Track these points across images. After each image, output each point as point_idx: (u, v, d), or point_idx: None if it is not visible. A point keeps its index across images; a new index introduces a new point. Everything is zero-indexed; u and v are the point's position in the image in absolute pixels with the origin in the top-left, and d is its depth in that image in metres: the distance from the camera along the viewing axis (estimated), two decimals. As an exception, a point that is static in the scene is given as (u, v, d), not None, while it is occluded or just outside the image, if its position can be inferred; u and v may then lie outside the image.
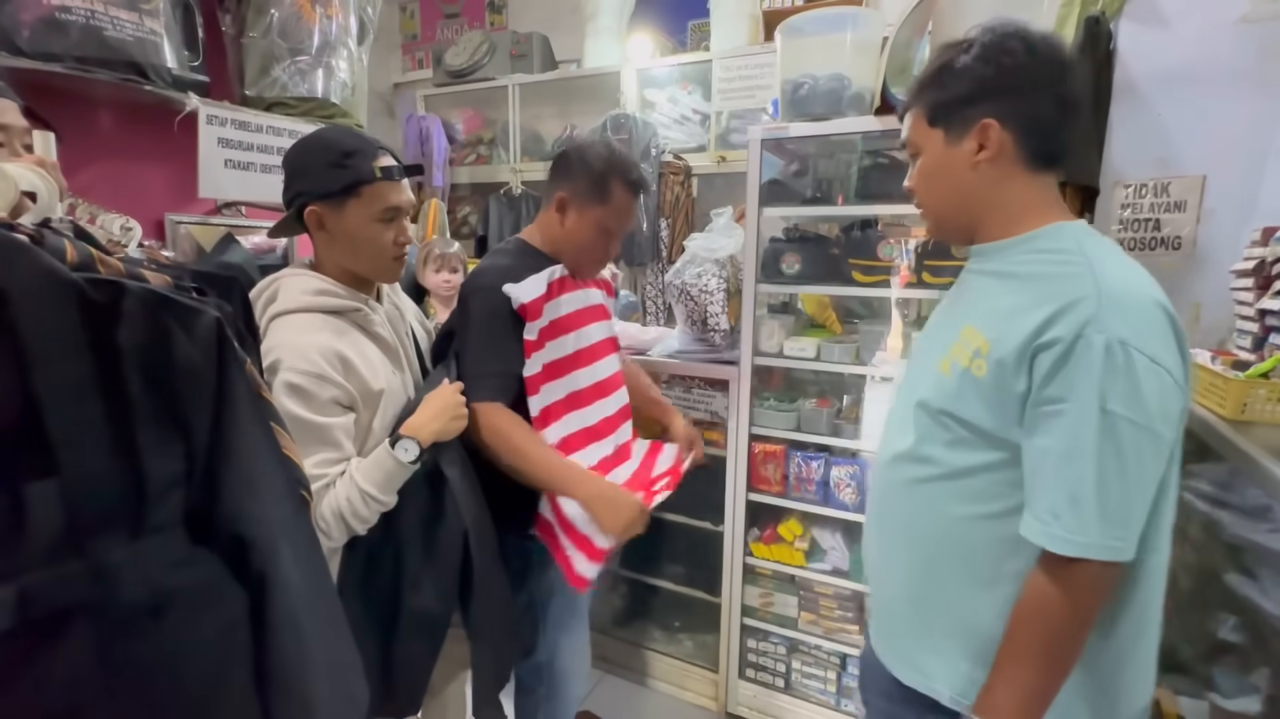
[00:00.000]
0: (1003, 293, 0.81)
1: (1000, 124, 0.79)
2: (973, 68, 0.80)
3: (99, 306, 0.56)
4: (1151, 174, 1.85)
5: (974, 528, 0.82)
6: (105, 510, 0.54)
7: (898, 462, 0.90)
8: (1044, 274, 0.78)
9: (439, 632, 1.15)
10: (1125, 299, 0.72)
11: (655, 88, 2.69)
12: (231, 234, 1.91)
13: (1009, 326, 0.76)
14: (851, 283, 1.68)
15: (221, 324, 0.63)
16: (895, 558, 0.93)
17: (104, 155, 1.77)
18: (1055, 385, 0.72)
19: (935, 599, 0.87)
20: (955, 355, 0.83)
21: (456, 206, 3.18)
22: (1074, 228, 0.81)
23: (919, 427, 0.87)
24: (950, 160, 0.84)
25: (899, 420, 0.92)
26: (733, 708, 1.95)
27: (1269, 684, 1.18)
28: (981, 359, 0.78)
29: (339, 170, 1.01)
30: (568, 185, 1.27)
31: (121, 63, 1.52)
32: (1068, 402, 0.71)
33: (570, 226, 1.28)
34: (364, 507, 0.97)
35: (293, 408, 0.93)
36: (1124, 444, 0.69)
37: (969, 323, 0.83)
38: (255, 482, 0.65)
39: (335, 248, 1.06)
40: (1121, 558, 0.72)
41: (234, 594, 0.63)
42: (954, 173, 0.84)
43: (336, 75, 1.98)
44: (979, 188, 0.83)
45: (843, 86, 1.58)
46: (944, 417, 0.83)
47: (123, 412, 0.56)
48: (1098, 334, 0.69)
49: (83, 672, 0.54)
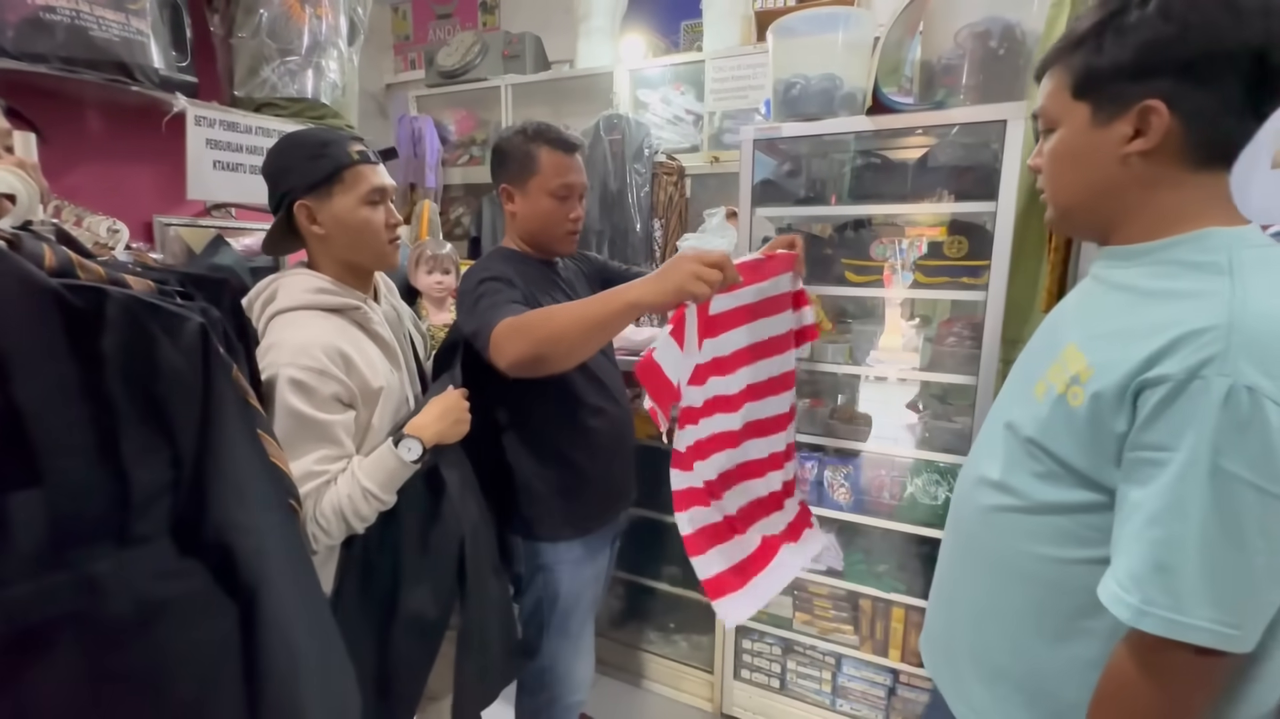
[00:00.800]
0: (1119, 311, 0.68)
1: (1169, 108, 0.62)
2: (1149, 26, 0.61)
3: (80, 313, 0.55)
4: (1142, 174, 1.87)
5: (1053, 571, 0.71)
6: (90, 520, 0.54)
7: (980, 485, 0.80)
8: (1170, 291, 0.63)
9: (435, 636, 1.14)
10: (1267, 334, 0.56)
11: (648, 88, 2.69)
12: (221, 236, 1.89)
13: (1116, 353, 0.63)
14: (844, 283, 1.68)
15: (207, 330, 0.62)
16: (966, 585, 0.85)
17: (91, 157, 1.75)
18: (1158, 431, 0.59)
19: (999, 639, 0.78)
20: (1052, 378, 0.71)
21: (449, 208, 3.16)
22: (1229, 235, 0.64)
23: (1007, 451, 0.76)
24: (1094, 145, 0.67)
25: (987, 439, 0.83)
26: (728, 709, 1.95)
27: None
28: (1079, 387, 0.66)
29: (319, 160, 1.03)
30: (503, 174, 1.31)
31: (108, 63, 1.51)
32: (1172, 451, 0.58)
33: (521, 210, 1.30)
34: (365, 504, 0.97)
35: (295, 403, 0.93)
36: (1244, 512, 0.56)
37: (1073, 341, 0.70)
38: (243, 490, 0.65)
39: (330, 241, 1.07)
40: (1233, 648, 0.58)
41: (223, 606, 0.62)
42: (1096, 161, 0.68)
43: (327, 76, 1.96)
44: (1124, 184, 0.67)
45: (835, 86, 1.57)
46: (1032, 445, 0.71)
47: (107, 419, 0.55)
48: (1220, 376, 0.56)
49: (69, 684, 0.53)
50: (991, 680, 0.78)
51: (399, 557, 1.08)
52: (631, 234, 2.65)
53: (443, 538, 1.11)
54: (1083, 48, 0.67)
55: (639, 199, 2.62)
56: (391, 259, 1.12)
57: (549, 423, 1.29)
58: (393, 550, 1.07)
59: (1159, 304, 0.64)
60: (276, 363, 0.94)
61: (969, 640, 0.82)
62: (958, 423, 1.65)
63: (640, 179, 2.60)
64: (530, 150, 1.26)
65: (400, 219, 1.13)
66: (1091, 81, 0.66)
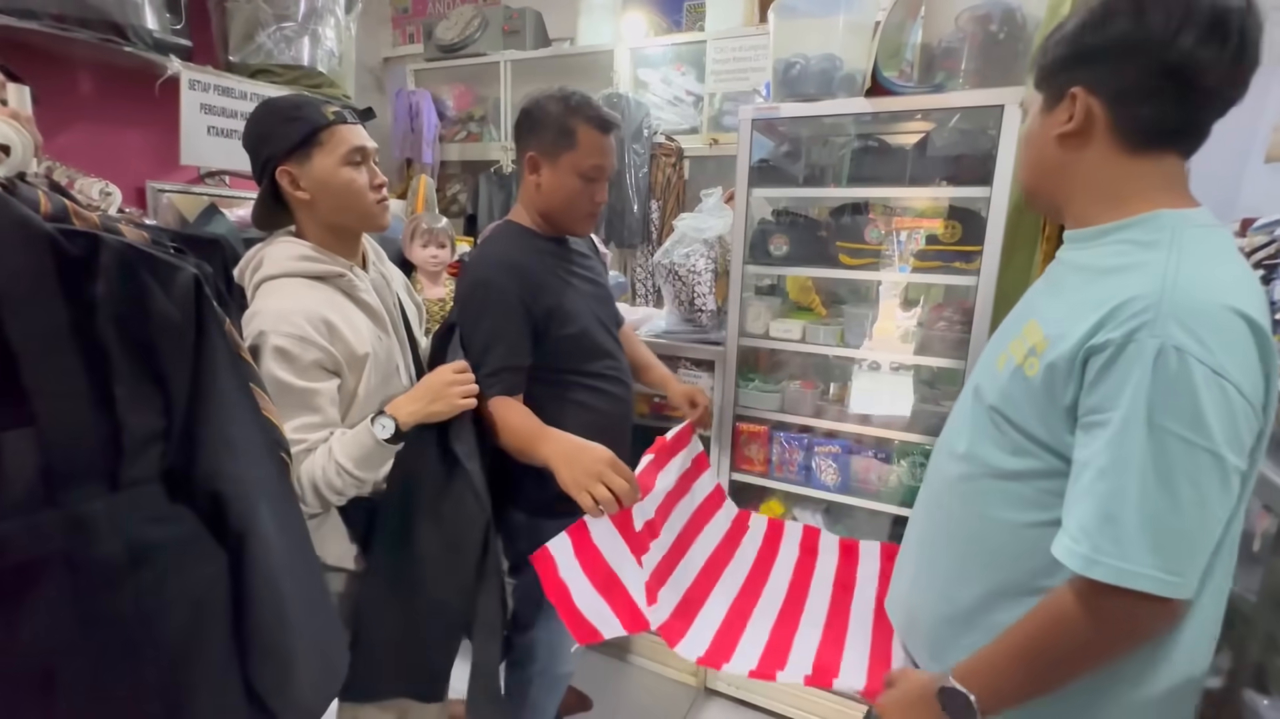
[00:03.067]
0: (1075, 288, 0.73)
1: (1092, 93, 0.70)
2: (1075, 29, 0.72)
3: (74, 259, 0.55)
4: (1137, 165, 1.88)
5: (1014, 535, 0.75)
6: (81, 461, 0.54)
7: (951, 458, 0.85)
8: (1119, 267, 0.69)
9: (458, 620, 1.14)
10: (1196, 302, 0.61)
11: (649, 68, 2.67)
12: (215, 205, 1.88)
13: (1069, 325, 0.68)
14: (838, 265, 1.69)
15: (200, 281, 0.63)
16: (933, 549, 0.89)
17: (83, 118, 1.73)
18: (1100, 393, 0.64)
19: (965, 598, 0.81)
20: (1012, 350, 0.77)
21: (446, 184, 3.15)
22: (1176, 215, 0.69)
23: (973, 421, 0.81)
24: (1041, 129, 0.77)
25: (959, 411, 0.88)
26: (712, 683, 1.98)
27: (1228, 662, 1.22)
28: (1035, 358, 0.71)
29: (294, 123, 1.01)
30: (534, 142, 1.23)
31: (101, 22, 1.49)
32: (1112, 410, 0.63)
33: (547, 184, 1.24)
34: (337, 478, 0.97)
35: (275, 371, 0.93)
36: (1175, 464, 0.60)
37: (1034, 317, 0.76)
38: (234, 441, 0.65)
39: (316, 205, 1.05)
40: (1174, 594, 0.62)
41: (212, 551, 0.63)
42: (1041, 143, 0.77)
43: (323, 44, 1.95)
44: (1062, 164, 0.75)
45: (834, 67, 1.57)
46: (995, 414, 0.76)
47: (99, 364, 0.56)
48: (1151, 338, 0.61)
49: (58, 622, 0.54)
50: (957, 636, 0.82)
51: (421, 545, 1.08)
52: (629, 215, 2.64)
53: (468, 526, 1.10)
54: (1043, 50, 0.77)
55: (637, 179, 2.61)
56: (379, 219, 1.10)
57: (551, 400, 1.27)
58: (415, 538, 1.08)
59: (1108, 279, 0.69)
60: (259, 329, 0.94)
61: (935, 598, 0.86)
62: (945, 406, 1.67)
63: (639, 159, 2.59)
64: (569, 124, 1.20)
65: (385, 179, 1.11)
66: (1041, 74, 0.77)
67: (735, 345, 1.76)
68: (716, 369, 1.81)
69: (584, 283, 1.34)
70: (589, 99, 1.22)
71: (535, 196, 1.27)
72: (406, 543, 1.08)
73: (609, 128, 1.23)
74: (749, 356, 1.88)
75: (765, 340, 1.78)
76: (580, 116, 1.20)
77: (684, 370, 1.90)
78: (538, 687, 1.43)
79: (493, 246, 1.29)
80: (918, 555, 0.92)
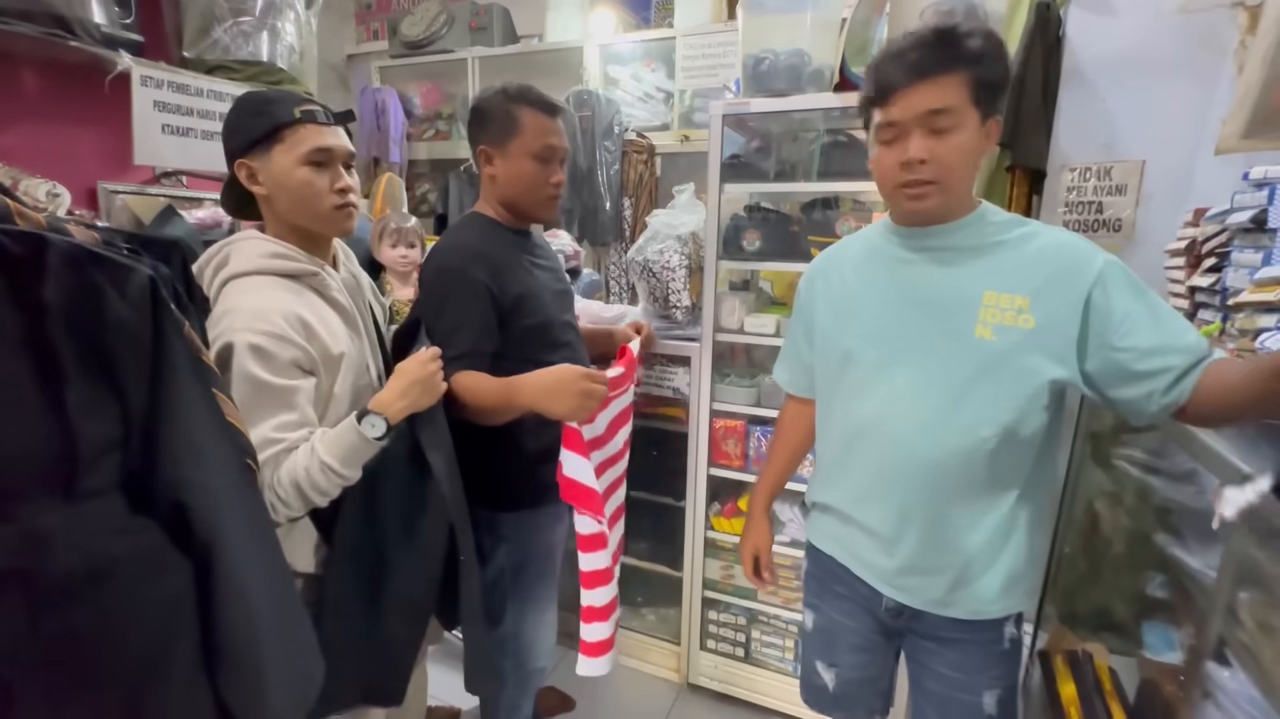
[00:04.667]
0: (1006, 260, 0.92)
1: (999, 120, 0.90)
2: (1003, 62, 0.87)
3: (17, 259, 0.52)
4: (1096, 158, 1.93)
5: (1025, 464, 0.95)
6: (34, 472, 0.52)
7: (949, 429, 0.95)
8: (1022, 235, 0.92)
9: (423, 620, 1.14)
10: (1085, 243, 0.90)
11: (618, 64, 2.66)
12: (173, 206, 1.81)
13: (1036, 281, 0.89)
14: (810, 259, 1.69)
15: (156, 283, 0.60)
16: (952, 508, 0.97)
17: (28, 117, 1.66)
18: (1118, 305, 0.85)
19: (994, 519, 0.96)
20: (989, 319, 0.91)
21: (415, 184, 3.10)
22: (988, 203, 0.97)
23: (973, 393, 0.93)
24: (980, 144, 0.89)
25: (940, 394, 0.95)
26: (694, 678, 1.99)
27: (1190, 637, 1.27)
28: (1028, 314, 0.89)
29: (260, 118, 1.00)
30: (483, 136, 1.26)
31: (44, 15, 1.43)
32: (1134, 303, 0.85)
33: (502, 173, 1.26)
34: (323, 478, 0.94)
35: (253, 369, 0.90)
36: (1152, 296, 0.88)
37: (987, 289, 0.91)
38: (197, 448, 0.63)
39: (273, 203, 1.03)
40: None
41: (177, 564, 0.61)
42: (977, 158, 0.90)
43: (283, 39, 1.89)
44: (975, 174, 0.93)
45: (803, 63, 1.58)
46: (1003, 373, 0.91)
47: (49, 371, 0.53)
48: (1109, 263, 0.87)
49: (14, 641, 0.51)
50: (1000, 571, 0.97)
51: (385, 543, 1.07)
52: (601, 212, 2.63)
53: (431, 525, 1.10)
54: (983, 60, 0.85)
55: (609, 177, 2.60)
56: (337, 225, 1.06)
57: None
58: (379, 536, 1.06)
59: (1029, 242, 0.91)
60: (232, 328, 0.91)
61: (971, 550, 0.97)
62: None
63: (610, 156, 2.59)
64: (511, 110, 1.23)
65: (352, 184, 1.07)
66: (985, 91, 0.86)
67: (710, 341, 1.76)
68: (692, 365, 1.81)
69: (546, 275, 1.36)
70: (529, 86, 1.26)
71: (494, 188, 1.29)
72: (367, 537, 1.06)
73: (554, 110, 1.26)
74: (724, 352, 1.89)
75: (740, 335, 1.79)
76: (522, 102, 1.23)
77: (660, 367, 1.90)
78: (512, 683, 1.42)
79: (457, 236, 1.29)
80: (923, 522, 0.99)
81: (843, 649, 1.15)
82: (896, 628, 1.09)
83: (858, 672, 1.15)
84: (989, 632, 1.00)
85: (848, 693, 1.18)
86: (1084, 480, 1.74)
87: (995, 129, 0.90)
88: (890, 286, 1.01)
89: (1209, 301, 1.34)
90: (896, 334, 1.00)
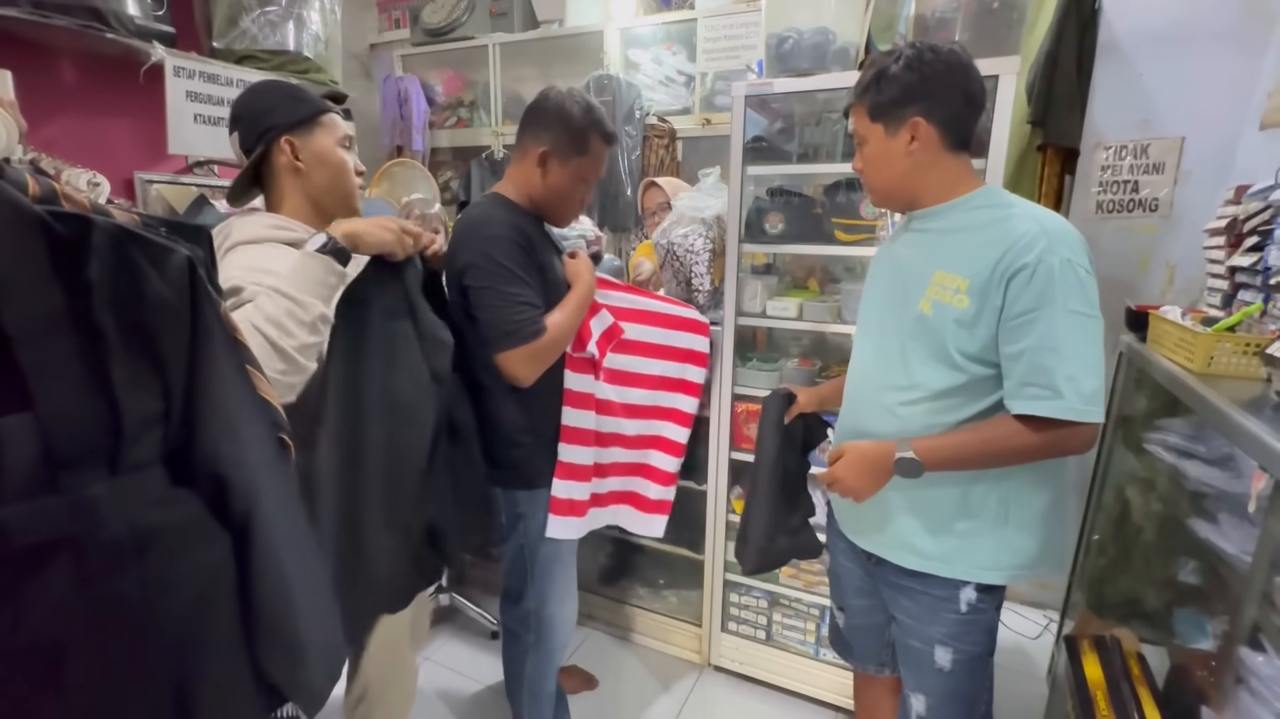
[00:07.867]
0: (960, 243, 1.02)
1: (927, 119, 1.00)
2: (902, 75, 1.00)
3: (65, 240, 0.54)
4: (1132, 135, 1.87)
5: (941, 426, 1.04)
6: (82, 446, 0.54)
7: (886, 389, 1.08)
8: (985, 222, 1.00)
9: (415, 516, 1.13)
10: (1063, 230, 0.95)
11: (639, 48, 2.64)
12: (205, 196, 1.86)
13: (977, 264, 0.97)
14: (834, 242, 1.68)
15: (194, 263, 0.62)
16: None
17: (67, 109, 1.71)
18: (1026, 300, 0.92)
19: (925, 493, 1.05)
20: (933, 295, 1.02)
21: (437, 171, 3.12)
22: (989, 190, 1.06)
23: (905, 357, 1.05)
24: (890, 149, 1.04)
25: (883, 357, 1.10)
26: (715, 660, 2.01)
27: (1224, 623, 1.24)
28: (963, 295, 0.98)
29: (301, 102, 1.11)
30: (549, 138, 1.28)
31: (81, 8, 1.47)
32: (1039, 309, 0.92)
33: (552, 180, 1.31)
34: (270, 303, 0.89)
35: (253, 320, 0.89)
36: (1089, 333, 0.92)
37: (938, 269, 1.02)
38: (234, 423, 0.65)
39: (307, 178, 1.10)
40: (1099, 419, 0.92)
41: (217, 534, 0.63)
42: (894, 158, 1.05)
43: (309, 28, 1.91)
44: (914, 169, 1.04)
45: (828, 40, 1.56)
46: (931, 343, 1.01)
47: (95, 347, 0.55)
48: (1052, 256, 0.92)
49: (65, 606, 0.54)
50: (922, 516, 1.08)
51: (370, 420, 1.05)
52: (622, 198, 2.62)
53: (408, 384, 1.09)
54: (870, 91, 1.04)
55: (630, 162, 2.59)
56: (355, 202, 1.18)
57: None
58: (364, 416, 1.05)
59: (988, 229, 0.99)
60: (237, 290, 0.92)
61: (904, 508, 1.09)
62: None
63: (631, 141, 2.57)
64: (587, 133, 1.29)
65: (364, 167, 1.20)
66: (879, 110, 1.04)
67: (733, 324, 1.76)
68: (714, 348, 1.81)
69: (558, 260, 1.39)
70: (603, 112, 1.33)
71: (535, 186, 1.32)
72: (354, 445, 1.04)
73: (613, 141, 1.36)
74: (746, 335, 1.88)
75: (762, 319, 1.78)
76: (598, 130, 1.30)
77: (682, 351, 1.90)
78: (533, 659, 1.46)
79: (495, 211, 1.30)
80: None
81: (849, 592, 1.28)
82: (879, 577, 1.18)
83: (862, 617, 1.27)
84: (941, 589, 1.07)
85: (855, 638, 1.31)
86: (1114, 467, 1.71)
87: (914, 127, 1.01)
88: (882, 262, 1.19)
89: (1250, 282, 1.30)
90: (869, 305, 1.18)
